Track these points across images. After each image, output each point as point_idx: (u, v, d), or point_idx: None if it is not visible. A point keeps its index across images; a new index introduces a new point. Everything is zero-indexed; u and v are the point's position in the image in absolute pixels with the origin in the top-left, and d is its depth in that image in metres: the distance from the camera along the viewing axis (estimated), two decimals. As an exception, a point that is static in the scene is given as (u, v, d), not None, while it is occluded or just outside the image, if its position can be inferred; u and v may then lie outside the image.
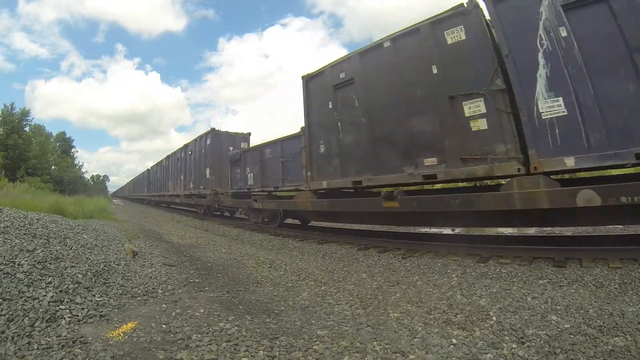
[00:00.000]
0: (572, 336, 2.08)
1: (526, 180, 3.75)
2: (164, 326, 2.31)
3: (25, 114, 30.94)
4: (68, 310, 2.38)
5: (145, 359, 1.91)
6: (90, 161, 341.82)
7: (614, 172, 4.19)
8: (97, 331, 2.19)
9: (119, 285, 3.09)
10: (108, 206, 15.11)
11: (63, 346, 1.95)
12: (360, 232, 7.47)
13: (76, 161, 50.38)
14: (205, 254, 5.23)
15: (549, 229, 6.37)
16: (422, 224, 6.42)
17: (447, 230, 6.64)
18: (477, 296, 2.94)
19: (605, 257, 3.72)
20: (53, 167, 36.69)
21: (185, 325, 2.35)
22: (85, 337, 2.07)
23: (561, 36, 3.57)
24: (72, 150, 49.03)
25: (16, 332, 2.02)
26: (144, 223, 10.58)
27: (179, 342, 2.10)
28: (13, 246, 3.11)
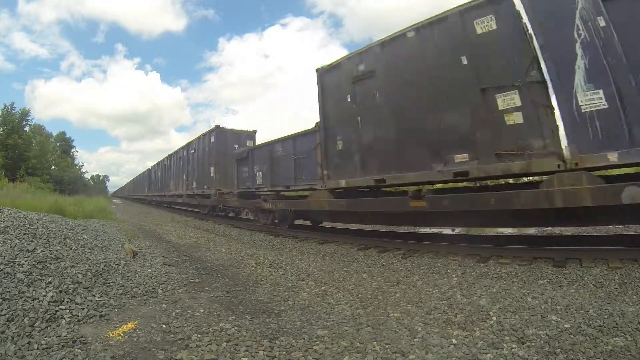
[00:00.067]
0: (572, 336, 2.08)
1: (567, 176, 3.56)
2: (164, 326, 2.31)
3: (25, 114, 30.99)
4: (68, 310, 2.38)
5: (145, 359, 1.91)
6: (90, 161, 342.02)
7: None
8: (97, 331, 2.20)
9: (119, 285, 3.09)
10: (108, 206, 15.12)
11: (63, 346, 1.95)
12: (360, 232, 7.47)
13: (76, 161, 50.46)
14: (205, 254, 5.23)
15: (549, 229, 6.37)
16: (451, 225, 6.10)
17: (447, 230, 6.62)
18: (477, 296, 2.94)
19: (605, 257, 3.72)
20: (53, 167, 36.70)
21: (185, 325, 2.35)
22: (85, 337, 2.08)
23: (599, 26, 3.41)
24: (72, 150, 49.12)
25: (16, 332, 2.02)
26: (144, 223, 10.59)
27: (179, 342, 2.10)
28: (13, 246, 3.11)
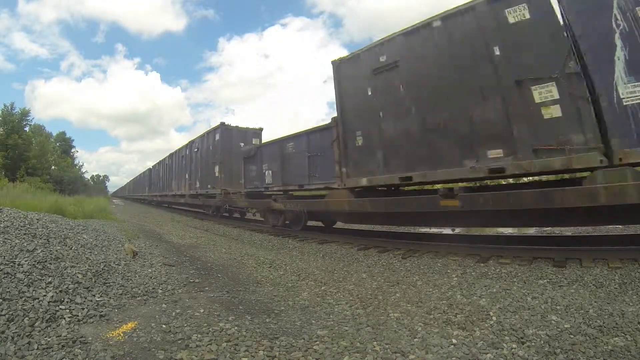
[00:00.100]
0: (572, 336, 2.08)
1: (611, 172, 3.41)
2: (164, 326, 2.31)
3: (25, 114, 30.99)
4: (68, 310, 2.38)
5: (145, 359, 1.91)
6: (90, 161, 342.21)
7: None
8: (97, 331, 2.20)
9: (119, 285, 3.09)
10: (108, 206, 15.12)
11: (63, 346, 1.95)
12: (360, 232, 7.47)
13: (76, 161, 50.43)
14: (205, 254, 5.23)
15: (549, 229, 6.37)
16: (485, 224, 5.80)
17: (447, 230, 6.62)
18: (477, 296, 2.94)
19: (605, 257, 3.73)
20: (53, 167, 36.70)
21: (185, 325, 2.35)
22: (85, 337, 2.08)
23: (639, 16, 3.33)
24: (72, 150, 49.09)
25: (16, 332, 2.02)
26: (144, 223, 10.59)
27: (179, 342, 2.10)
28: (13, 246, 3.11)
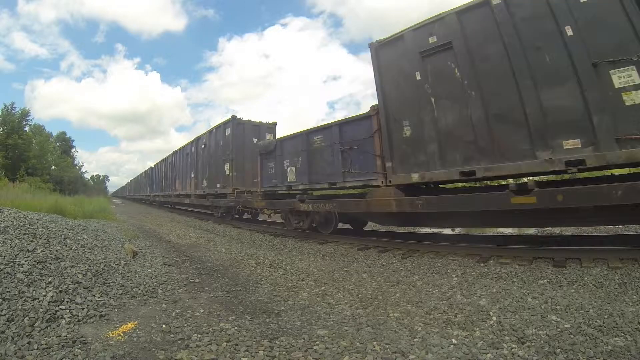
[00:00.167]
0: (572, 336, 2.08)
1: None
2: (164, 326, 2.31)
3: (25, 114, 31.04)
4: (68, 310, 2.38)
5: (145, 359, 1.91)
6: (90, 161, 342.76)
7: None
8: (97, 331, 2.20)
9: (119, 285, 3.09)
10: (108, 206, 15.13)
11: (63, 346, 1.95)
12: (360, 232, 7.45)
13: (76, 161, 50.43)
14: (205, 254, 5.23)
15: (549, 229, 6.37)
16: (566, 224, 5.29)
17: (447, 230, 6.61)
18: (477, 296, 2.94)
19: (605, 257, 3.72)
20: (53, 167, 36.73)
21: (185, 325, 2.35)
22: (85, 337, 2.08)
23: None
24: (72, 150, 49.08)
25: (16, 332, 2.02)
26: (144, 223, 10.59)
27: (179, 342, 2.10)
28: (13, 246, 3.11)
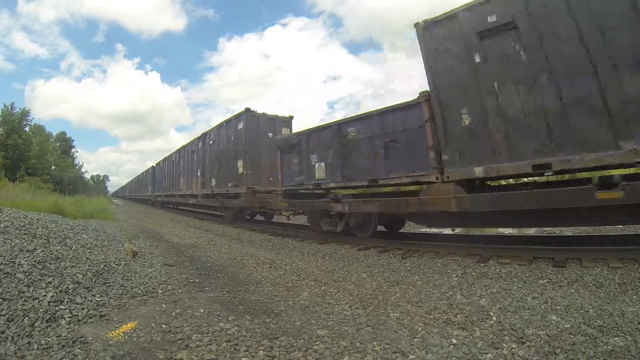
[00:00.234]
0: (572, 336, 2.08)
1: None
2: (164, 326, 2.31)
3: (25, 114, 31.05)
4: (68, 310, 2.38)
5: (145, 359, 1.91)
6: (90, 161, 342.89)
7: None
8: (97, 331, 2.20)
9: (119, 285, 3.09)
10: (108, 206, 15.12)
11: (63, 346, 1.95)
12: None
13: (76, 161, 50.39)
14: (205, 254, 5.23)
15: (549, 229, 6.37)
16: None
17: (447, 230, 6.60)
18: (477, 296, 2.94)
19: (605, 257, 3.73)
20: (53, 167, 36.73)
21: (185, 325, 2.35)
22: (85, 337, 2.08)
23: None
24: (72, 150, 49.05)
25: (16, 332, 2.02)
26: (144, 223, 10.59)
27: (179, 342, 2.10)
28: (13, 246, 3.11)
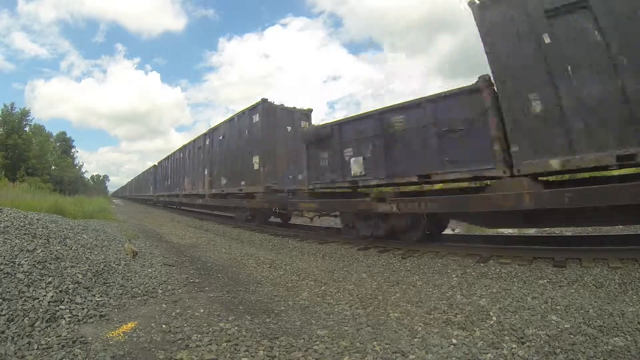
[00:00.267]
0: (572, 336, 2.08)
1: None
2: (164, 326, 2.31)
3: (25, 114, 31.06)
4: (68, 310, 2.38)
5: (145, 359, 1.91)
6: (90, 161, 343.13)
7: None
8: (97, 331, 2.20)
9: (119, 285, 3.09)
10: (108, 206, 15.12)
11: (63, 346, 1.95)
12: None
13: (76, 161, 50.41)
14: (205, 254, 5.23)
15: (549, 229, 6.37)
16: None
17: (447, 231, 6.61)
18: (477, 296, 2.94)
19: (605, 257, 3.72)
20: (53, 167, 36.74)
21: (185, 325, 2.35)
22: (85, 337, 2.08)
23: None
24: (72, 150, 49.06)
25: (16, 332, 2.02)
26: (144, 223, 10.58)
27: (179, 342, 2.10)
28: (13, 246, 3.11)
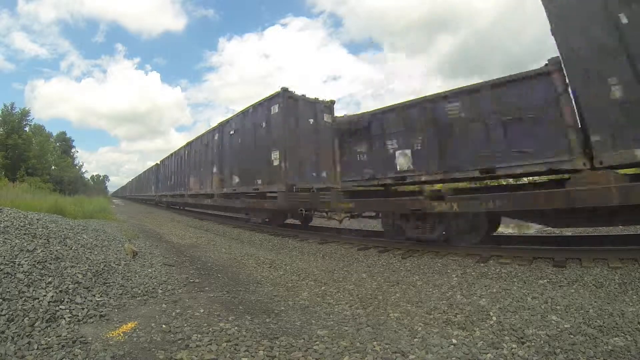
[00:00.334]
0: (572, 336, 2.08)
1: None
2: (164, 326, 2.31)
3: (25, 114, 31.11)
4: (68, 310, 2.38)
5: (145, 359, 1.91)
6: (90, 161, 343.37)
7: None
8: (97, 331, 2.20)
9: (119, 285, 3.09)
10: (108, 206, 15.12)
11: (63, 346, 1.95)
12: (360, 232, 7.45)
13: (76, 161, 50.48)
14: (205, 254, 5.23)
15: (549, 229, 6.37)
16: None
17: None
18: (477, 296, 2.94)
19: (605, 257, 3.73)
20: (53, 167, 36.78)
21: (185, 325, 2.35)
22: (85, 337, 2.08)
23: None
24: (72, 150, 49.12)
25: (16, 332, 2.02)
26: (144, 223, 10.58)
27: (179, 342, 2.10)
28: (13, 246, 3.11)
